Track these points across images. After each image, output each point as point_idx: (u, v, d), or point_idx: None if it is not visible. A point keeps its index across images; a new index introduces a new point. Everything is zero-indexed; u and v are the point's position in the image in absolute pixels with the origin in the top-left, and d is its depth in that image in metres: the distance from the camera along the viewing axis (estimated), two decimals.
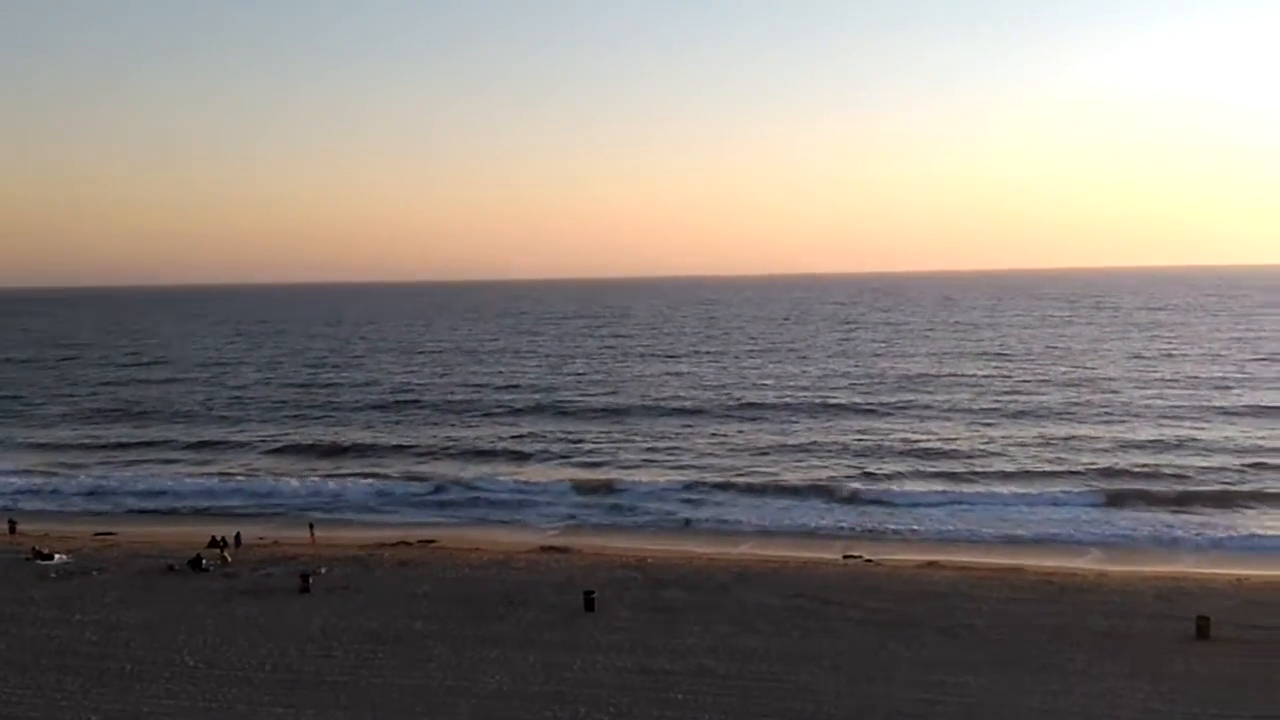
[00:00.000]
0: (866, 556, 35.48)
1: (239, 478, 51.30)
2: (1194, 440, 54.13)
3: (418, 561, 34.51)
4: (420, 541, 38.27)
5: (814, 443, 55.94)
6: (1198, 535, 38.17)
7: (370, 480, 49.74)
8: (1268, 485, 44.79)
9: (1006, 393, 73.90)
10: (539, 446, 57.30)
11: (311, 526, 39.88)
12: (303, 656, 24.72)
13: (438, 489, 47.86)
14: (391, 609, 28.70)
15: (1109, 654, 24.29)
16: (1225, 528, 38.94)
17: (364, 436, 61.86)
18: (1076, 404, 67.58)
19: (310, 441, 60.52)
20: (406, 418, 68.92)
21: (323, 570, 32.55)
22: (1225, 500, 42.84)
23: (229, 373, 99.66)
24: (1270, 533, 38.23)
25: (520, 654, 24.65)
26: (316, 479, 50.30)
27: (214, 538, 36.52)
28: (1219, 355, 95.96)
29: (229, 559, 34.58)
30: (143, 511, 45.70)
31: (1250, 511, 41.36)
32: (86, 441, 62.44)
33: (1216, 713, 20.77)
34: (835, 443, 56.00)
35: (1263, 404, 65.25)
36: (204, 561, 33.76)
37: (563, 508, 44.48)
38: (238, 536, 37.43)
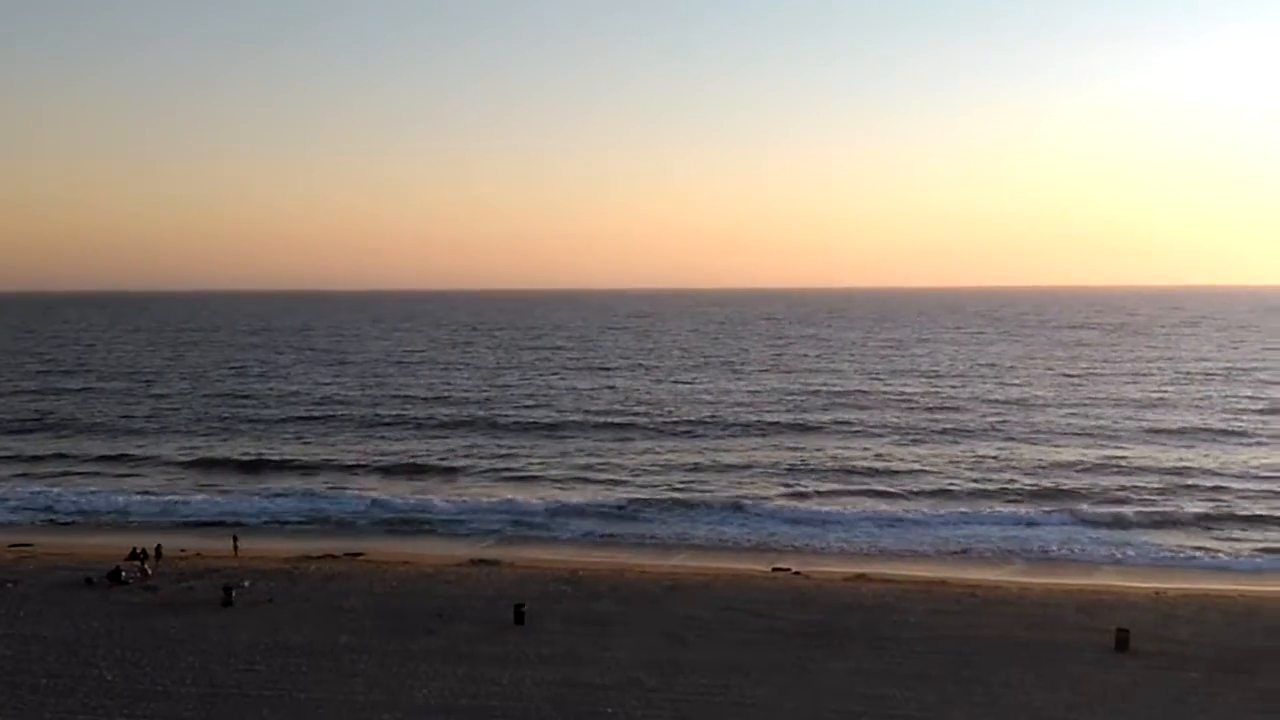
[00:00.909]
0: (795, 569, 35.76)
1: (160, 490, 50.06)
2: (1116, 459, 55.34)
3: (345, 575, 34.00)
4: (347, 554, 37.70)
5: (747, 461, 55.78)
6: (1117, 549, 39.04)
7: (297, 494, 48.85)
8: (1184, 503, 45.93)
9: (935, 409, 74.85)
10: (468, 461, 56.64)
11: (235, 539, 39.10)
12: (225, 671, 24.23)
13: (369, 503, 47.17)
14: (317, 623, 28.24)
15: (1031, 666, 24.73)
16: (1144, 542, 39.91)
17: (290, 450, 60.70)
18: (1004, 422, 68.78)
19: (234, 454, 59.19)
20: (334, 430, 67.71)
21: (246, 583, 31.91)
22: (1144, 515, 43.81)
23: (154, 382, 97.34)
24: (1187, 546, 39.28)
25: (449, 668, 24.42)
26: (240, 492, 49.32)
27: (134, 550, 35.63)
28: (1141, 375, 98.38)
29: (149, 572, 33.77)
30: (60, 523, 44.40)
31: (1169, 526, 42.39)
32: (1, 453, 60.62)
33: None
34: (766, 459, 56.09)
35: (1181, 425, 66.89)
36: (123, 574, 32.95)
37: (494, 522, 43.94)
38: (158, 549, 36.56)
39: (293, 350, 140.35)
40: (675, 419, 70.78)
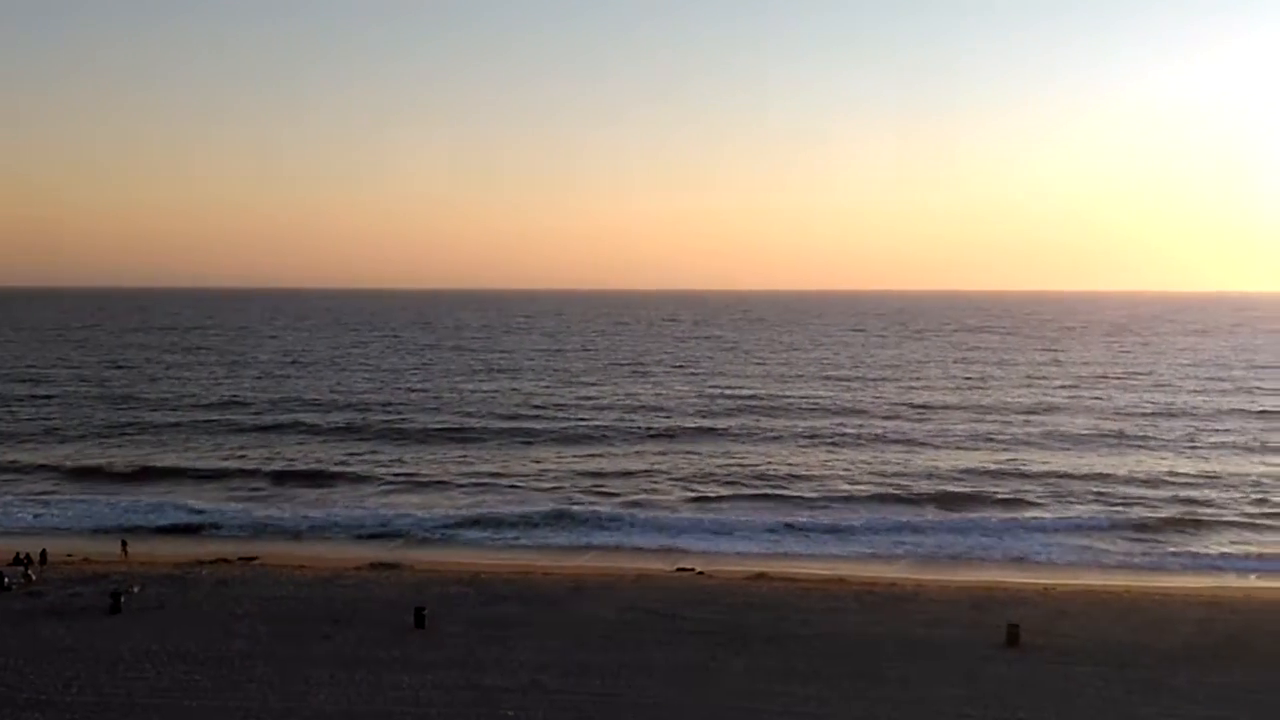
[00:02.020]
0: (698, 569, 36.03)
1: (44, 494, 48.28)
2: (1009, 461, 56.90)
3: (239, 579, 33.15)
4: (241, 559, 36.77)
5: (650, 466, 55.77)
6: (1009, 548, 40.24)
7: (189, 497, 47.53)
8: (1071, 504, 47.49)
9: (835, 412, 76.02)
10: (366, 467, 55.48)
11: (124, 543, 37.88)
12: (112, 679, 23.43)
13: (264, 507, 46.11)
14: (210, 629, 27.48)
15: (926, 660, 25.27)
16: (1033, 541, 41.20)
17: (180, 455, 58.99)
18: (903, 425, 70.20)
19: (123, 458, 57.33)
20: (227, 434, 65.95)
21: (135, 589, 30.91)
22: (1035, 519, 45.12)
23: (39, 382, 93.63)
24: (1074, 545, 40.65)
25: (347, 673, 23.98)
26: (130, 496, 47.82)
27: (17, 554, 34.25)
28: (1035, 379, 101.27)
29: (34, 577, 32.50)
30: None
31: (1058, 527, 43.69)
32: None
33: (1025, 716, 21.85)
34: (669, 463, 56.26)
35: (1071, 429, 69.07)
36: (6, 579, 31.63)
37: (394, 526, 43.16)
38: (43, 554, 35.20)
39: (183, 350, 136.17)
40: (579, 422, 70.40)
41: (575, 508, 45.84)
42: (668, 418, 72.88)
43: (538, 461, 57.23)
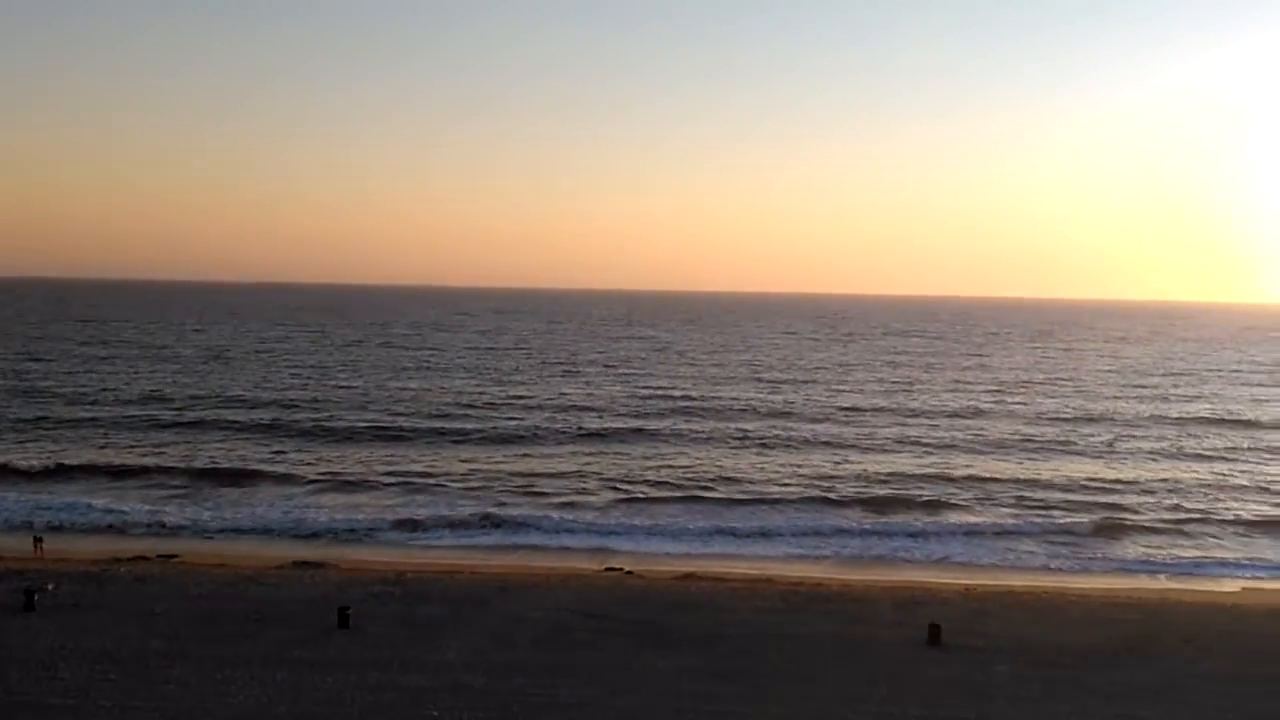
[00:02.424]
0: (627, 569, 36.10)
1: None
2: (939, 465, 57.95)
3: (157, 578, 32.43)
4: (161, 556, 36.01)
5: (579, 467, 55.60)
6: (932, 549, 40.94)
7: (107, 493, 46.43)
8: (995, 505, 48.54)
9: (766, 415, 76.61)
10: (291, 466, 54.43)
11: (38, 540, 36.83)
12: (24, 678, 22.79)
13: (186, 504, 45.19)
14: (127, 627, 26.86)
15: (850, 660, 25.59)
16: (958, 541, 41.99)
17: (98, 451, 57.55)
18: (835, 427, 70.93)
19: (33, 453, 55.74)
20: (146, 430, 64.44)
21: (50, 586, 30.08)
22: (961, 519, 46.01)
23: None
24: (996, 547, 41.50)
25: (268, 673, 23.59)
26: (46, 492, 46.59)
27: None
28: (961, 384, 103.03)
29: None
30: None
31: (985, 530, 44.49)
32: None
33: (945, 714, 22.25)
34: (599, 465, 56.24)
35: (996, 433, 70.25)
36: None
37: (318, 526, 42.52)
38: None
39: (102, 344, 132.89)
40: (509, 422, 69.95)
41: (503, 508, 45.62)
42: (599, 418, 72.67)
43: (466, 461, 56.70)
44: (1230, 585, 37.51)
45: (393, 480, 51.24)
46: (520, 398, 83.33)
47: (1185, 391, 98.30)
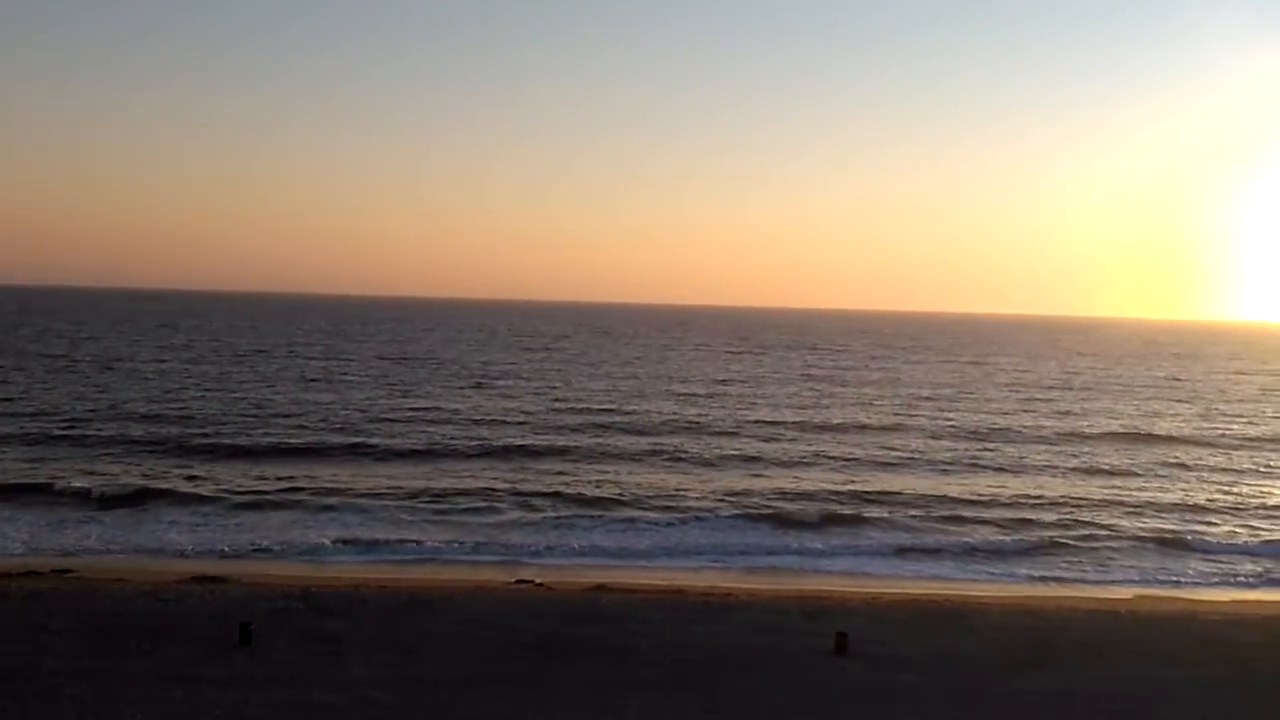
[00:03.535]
0: (538, 581, 35.92)
1: None
2: (849, 481, 59.01)
3: (51, 593, 31.30)
4: (54, 571, 34.80)
5: (490, 483, 55.03)
6: (844, 562, 41.59)
7: None
8: (902, 516, 49.37)
9: (678, 430, 76.90)
10: (189, 484, 52.90)
11: None
12: None
13: (82, 518, 43.71)
14: (18, 644, 25.85)
15: (759, 670, 25.78)
16: (867, 552, 42.75)
17: None
18: (747, 441, 71.48)
19: None
20: (38, 445, 62.18)
21: None
22: (871, 531, 46.80)
23: None
24: (901, 555, 42.33)
25: (165, 690, 22.91)
26: None
27: None
28: (873, 399, 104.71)
29: None
30: None
31: (892, 541, 45.33)
32: None
33: None
34: (508, 479, 55.76)
35: (905, 449, 71.54)
36: None
37: (220, 542, 41.49)
38: None
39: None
40: (418, 436, 69.12)
41: (411, 520, 45.04)
42: (510, 432, 72.14)
43: (373, 476, 55.80)
44: (1124, 593, 38.78)
45: (297, 497, 49.97)
46: (429, 410, 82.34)
47: (1088, 407, 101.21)
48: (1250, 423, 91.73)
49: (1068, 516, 50.63)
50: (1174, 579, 41.48)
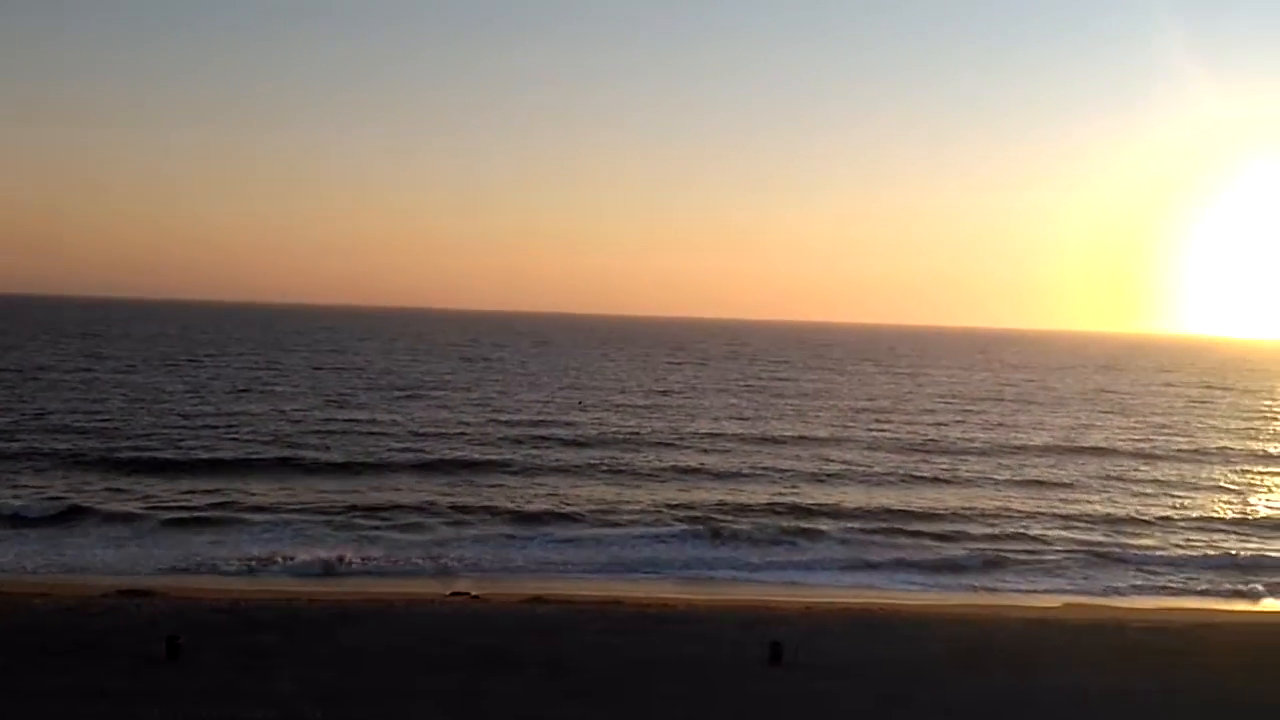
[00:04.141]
0: (473, 593, 35.67)
1: None
2: (784, 493, 59.36)
3: None
4: None
5: (425, 495, 54.52)
6: (776, 570, 41.96)
7: None
8: (838, 525, 49.92)
9: (622, 442, 76.89)
10: (118, 501, 51.24)
11: None
12: None
13: (1, 531, 42.56)
14: None
15: (695, 681, 25.84)
16: (803, 562, 43.14)
17: None
18: (683, 453, 71.64)
19: None
20: None
21: None
22: (806, 536, 47.18)
23: None
24: (839, 567, 42.77)
25: (90, 706, 22.36)
26: None
27: None
28: (809, 410, 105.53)
29: None
30: None
31: (826, 552, 45.80)
32: None
33: None
34: (443, 492, 55.16)
35: (842, 460, 72.24)
36: None
37: (147, 558, 40.55)
38: None
39: None
40: (352, 448, 68.03)
41: (343, 535, 44.35)
42: (446, 444, 71.38)
43: (305, 489, 54.78)
44: (1053, 601, 39.52)
45: (227, 514, 48.61)
46: (363, 421, 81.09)
47: (1021, 420, 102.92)
48: (1177, 434, 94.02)
49: (997, 530, 51.39)
50: (1102, 588, 42.40)
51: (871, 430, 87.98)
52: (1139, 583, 43.47)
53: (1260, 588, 43.15)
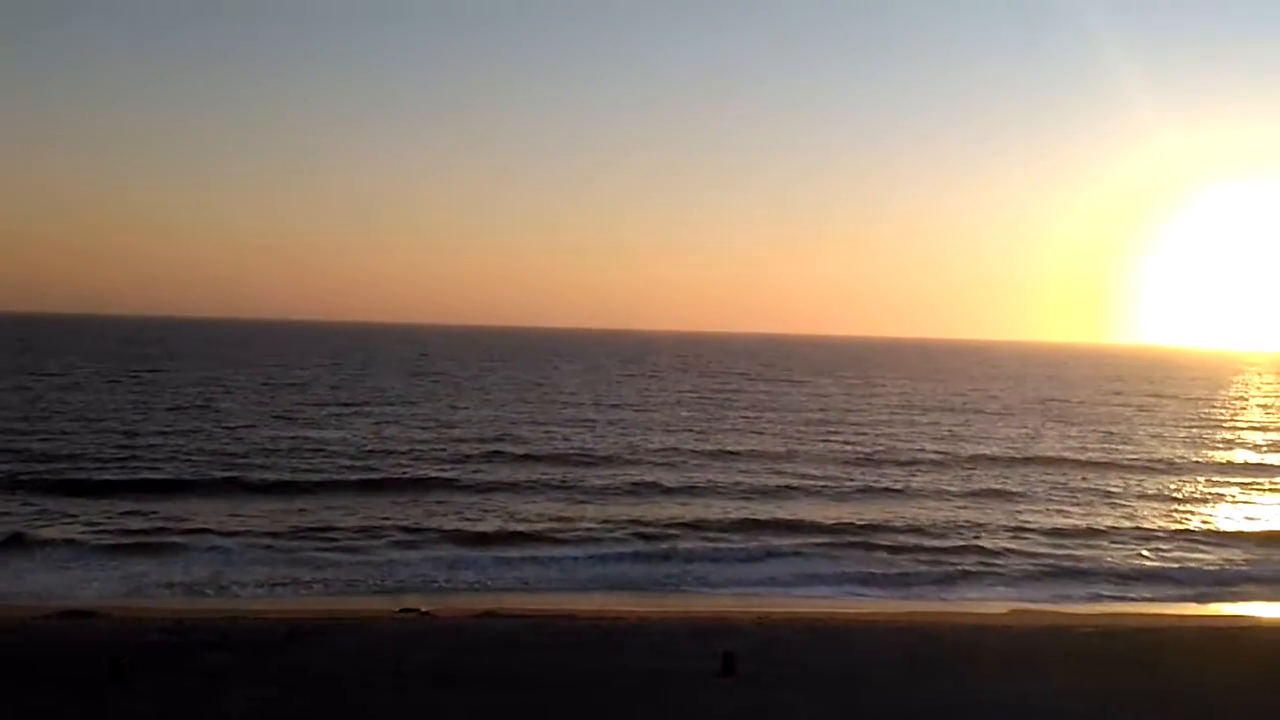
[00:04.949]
0: (423, 609, 35.34)
1: None
2: (740, 508, 59.69)
3: None
4: None
5: (375, 514, 53.94)
6: (727, 580, 42.07)
7: None
8: (793, 537, 50.32)
9: (574, 457, 76.67)
10: (52, 528, 49.41)
11: None
12: None
13: None
14: None
15: (648, 692, 25.79)
16: (756, 576, 43.29)
17: None
18: (633, 468, 71.58)
19: None
20: None
21: None
22: (760, 548, 47.42)
23: None
24: (787, 577, 42.96)
25: None
26: None
27: None
28: (759, 423, 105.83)
29: None
30: None
31: (778, 560, 45.93)
32: None
33: None
34: (393, 510, 54.43)
35: (795, 473, 72.54)
36: None
37: (95, 575, 39.76)
38: None
39: None
40: (295, 466, 66.85)
41: (290, 554, 43.64)
42: (395, 462, 70.43)
43: (250, 510, 53.42)
44: (999, 607, 40.00)
45: (169, 539, 46.89)
46: (309, 440, 79.56)
47: (969, 431, 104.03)
48: (1124, 443, 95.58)
49: (948, 543, 51.62)
50: (1050, 595, 42.96)
51: (824, 442, 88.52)
52: (1085, 591, 44.11)
53: (1204, 594, 44.02)
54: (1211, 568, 48.38)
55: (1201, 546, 52.73)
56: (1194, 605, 42.61)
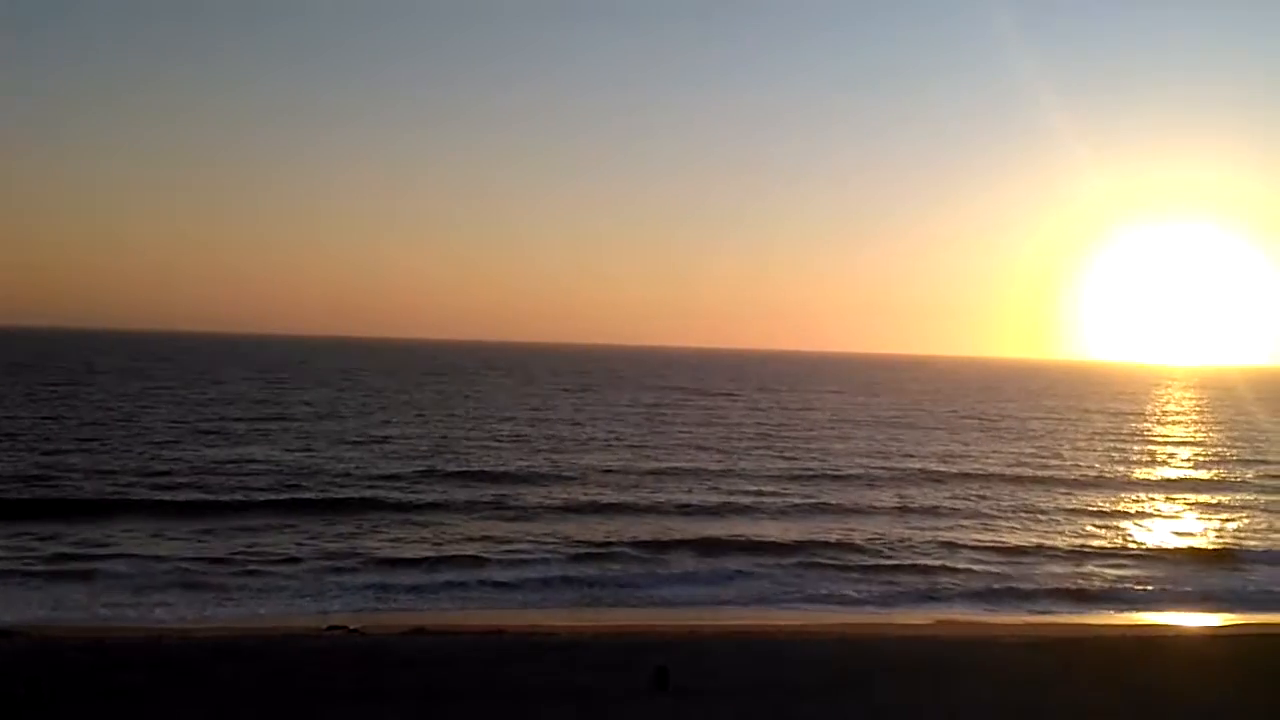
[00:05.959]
0: (351, 626, 34.82)
1: None
2: (666, 529, 59.93)
3: None
4: None
5: (302, 535, 52.75)
6: (658, 593, 42.16)
7: None
8: (732, 555, 50.47)
9: (500, 478, 76.20)
10: None
11: None
12: None
13: None
14: None
15: (580, 708, 25.65)
16: (687, 590, 43.39)
17: None
18: (562, 487, 71.33)
19: None
20: None
21: None
22: (694, 563, 47.58)
23: None
24: (719, 590, 43.12)
25: None
26: None
27: None
28: (694, 440, 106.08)
29: None
30: None
31: (717, 576, 46.18)
32: None
33: None
34: (319, 529, 53.42)
35: (728, 490, 72.87)
36: None
37: (12, 593, 38.58)
38: None
39: None
40: (219, 485, 65.20)
41: (213, 576, 42.64)
42: (320, 481, 68.58)
43: (174, 532, 51.50)
44: (923, 618, 40.62)
45: (92, 565, 44.88)
46: (234, 456, 77.57)
47: (898, 445, 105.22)
48: (1055, 457, 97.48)
49: (879, 561, 51.95)
50: (977, 607, 43.64)
51: (761, 457, 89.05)
52: (1007, 602, 44.93)
53: (1125, 605, 45.04)
54: (1130, 581, 49.49)
55: (1122, 560, 53.98)
56: (1115, 615, 43.56)
